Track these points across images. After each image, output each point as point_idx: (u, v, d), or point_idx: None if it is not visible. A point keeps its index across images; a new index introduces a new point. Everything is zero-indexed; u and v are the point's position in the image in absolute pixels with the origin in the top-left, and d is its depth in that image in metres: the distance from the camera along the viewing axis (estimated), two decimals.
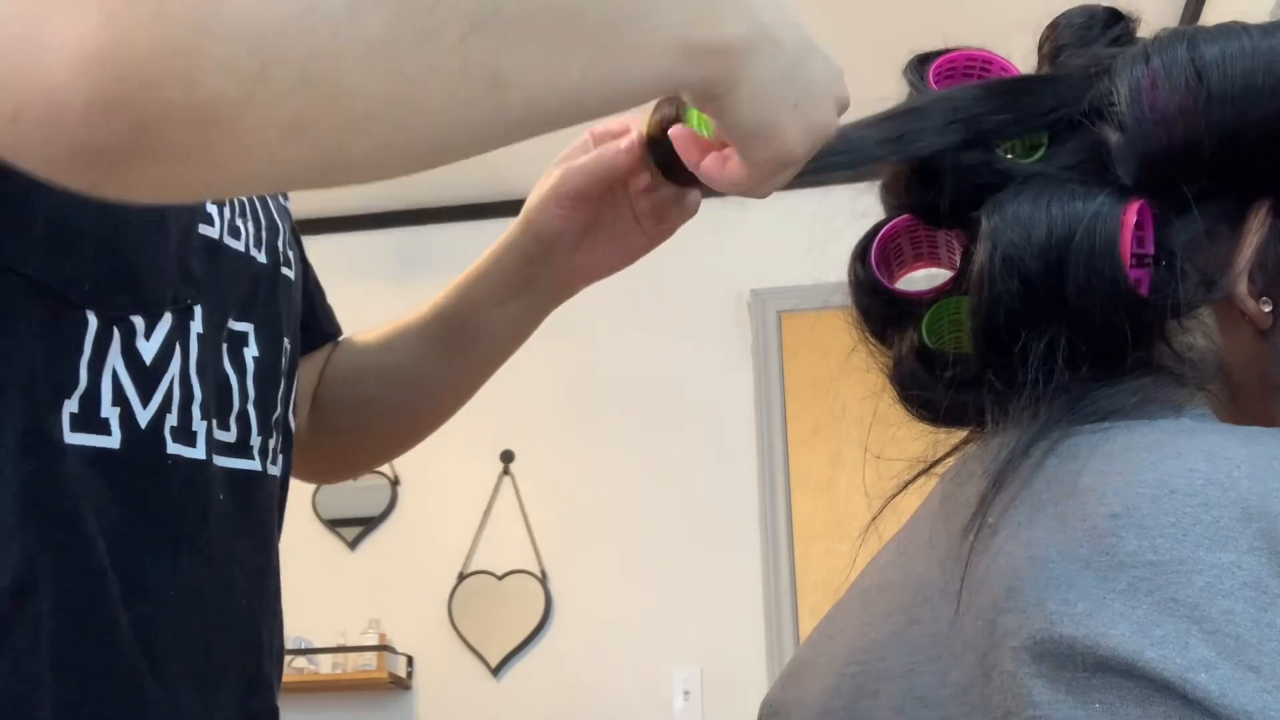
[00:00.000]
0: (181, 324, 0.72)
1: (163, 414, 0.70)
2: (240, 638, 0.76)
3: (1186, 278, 0.64)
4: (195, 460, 0.73)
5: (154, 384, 0.70)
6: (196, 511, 0.73)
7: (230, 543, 0.75)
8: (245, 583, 0.77)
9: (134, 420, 0.69)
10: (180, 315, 0.72)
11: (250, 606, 0.78)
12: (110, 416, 0.68)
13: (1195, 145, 0.64)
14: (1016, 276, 0.63)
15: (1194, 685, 0.49)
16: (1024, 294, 0.63)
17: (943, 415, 0.69)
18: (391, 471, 3.53)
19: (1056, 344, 0.63)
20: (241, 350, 0.78)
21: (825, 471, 3.31)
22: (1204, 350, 0.66)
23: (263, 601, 0.80)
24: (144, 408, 0.70)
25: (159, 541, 0.70)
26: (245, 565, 0.77)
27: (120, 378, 0.68)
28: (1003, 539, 0.58)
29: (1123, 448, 0.58)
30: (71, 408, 0.66)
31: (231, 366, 0.77)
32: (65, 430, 0.65)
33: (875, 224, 0.73)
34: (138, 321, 0.69)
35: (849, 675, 0.68)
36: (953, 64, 0.73)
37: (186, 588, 0.71)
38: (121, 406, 0.68)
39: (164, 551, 0.70)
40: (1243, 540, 0.51)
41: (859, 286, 0.72)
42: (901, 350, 0.70)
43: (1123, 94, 0.65)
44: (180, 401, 0.71)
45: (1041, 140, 0.68)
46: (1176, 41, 0.66)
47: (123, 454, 0.68)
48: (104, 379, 0.67)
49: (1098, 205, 0.63)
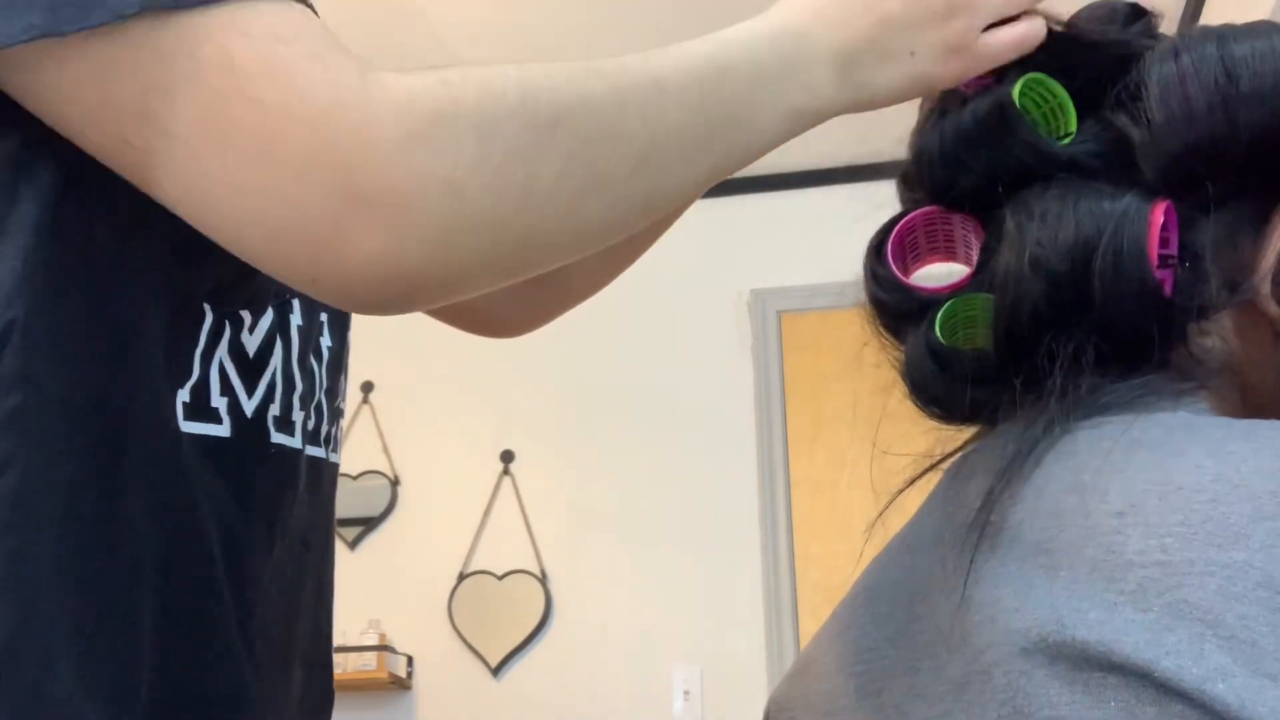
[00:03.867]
0: (282, 317, 0.74)
1: (266, 404, 0.73)
2: (310, 622, 0.79)
3: (1210, 280, 0.63)
4: (293, 449, 0.76)
5: (258, 375, 0.72)
6: (288, 499, 0.75)
7: (306, 529, 0.78)
8: (314, 568, 0.79)
9: (240, 410, 0.71)
10: (281, 309, 0.74)
11: (318, 592, 0.80)
12: (219, 406, 0.70)
13: (1223, 144, 0.63)
14: (1043, 277, 0.63)
15: (1211, 696, 0.48)
16: (1050, 294, 0.63)
17: (954, 413, 0.69)
18: (391, 471, 3.53)
19: (1083, 346, 0.62)
20: (319, 340, 0.81)
21: (825, 471, 3.31)
22: (1218, 352, 0.65)
23: (325, 587, 0.82)
24: (249, 398, 0.72)
25: (259, 527, 0.72)
26: (315, 551, 0.79)
27: (226, 368, 0.70)
28: (1005, 536, 0.58)
29: (1121, 444, 0.57)
30: (184, 397, 0.68)
31: (314, 356, 0.80)
32: (180, 419, 0.67)
33: (892, 217, 0.73)
34: (245, 315, 0.72)
35: (855, 673, 0.67)
36: None
37: (276, 573, 0.74)
38: (229, 397, 0.70)
39: (263, 537, 0.72)
40: (1255, 538, 0.50)
41: (874, 280, 0.72)
42: (914, 346, 0.69)
43: (1152, 90, 0.65)
44: (282, 391, 0.74)
45: (1070, 128, 0.68)
46: (1206, 39, 0.65)
47: (232, 441, 0.70)
48: (212, 370, 0.69)
49: (1125, 205, 0.63)
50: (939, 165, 0.69)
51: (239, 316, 0.71)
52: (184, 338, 0.68)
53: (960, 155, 0.68)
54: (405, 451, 3.52)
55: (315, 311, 0.79)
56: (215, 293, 0.69)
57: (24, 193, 0.61)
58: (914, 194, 0.72)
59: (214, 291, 0.69)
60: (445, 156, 0.53)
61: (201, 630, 0.67)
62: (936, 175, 0.70)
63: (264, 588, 0.72)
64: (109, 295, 0.64)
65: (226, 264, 0.67)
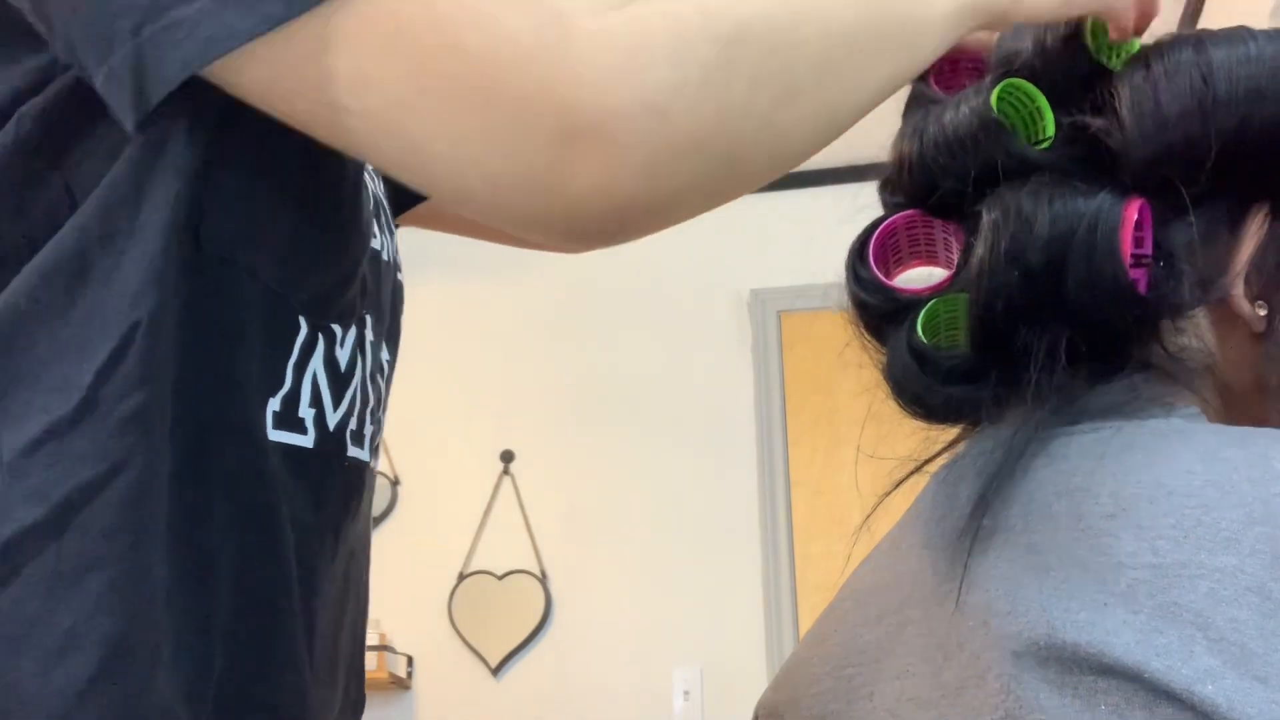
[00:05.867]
0: (359, 332, 0.76)
1: (347, 417, 0.75)
2: (351, 630, 0.80)
3: (1184, 278, 0.64)
4: (363, 461, 0.77)
5: (344, 388, 0.74)
6: (352, 509, 0.77)
7: (359, 536, 0.80)
8: (358, 577, 0.81)
9: (325, 422, 0.73)
10: (359, 324, 0.76)
11: (359, 600, 0.82)
12: (306, 417, 0.71)
13: (1197, 148, 0.64)
14: (1017, 268, 0.63)
15: (1200, 697, 0.48)
16: (1024, 287, 0.63)
17: (936, 412, 0.69)
18: (391, 471, 3.53)
19: (1058, 341, 0.63)
20: (380, 355, 0.82)
21: (825, 471, 3.31)
22: (1196, 352, 0.66)
23: (365, 596, 0.84)
24: (334, 410, 0.73)
25: (328, 538, 0.74)
26: (359, 560, 0.81)
27: (319, 381, 0.72)
28: (998, 540, 0.58)
29: (1114, 448, 0.57)
30: (275, 406, 0.69)
31: (377, 370, 0.82)
32: (269, 427, 0.68)
33: (873, 220, 0.73)
34: (336, 329, 0.73)
35: (844, 677, 0.67)
36: (955, 65, 0.75)
37: (336, 579, 0.75)
38: (316, 408, 0.72)
39: (330, 545, 0.74)
40: (1245, 543, 0.50)
41: (856, 282, 0.72)
42: (896, 346, 0.70)
43: (1122, 96, 0.65)
44: (360, 405, 0.76)
45: (1047, 133, 0.68)
46: (1182, 45, 0.66)
47: (314, 452, 0.71)
48: (305, 381, 0.71)
49: (1099, 202, 0.63)
50: (920, 170, 0.70)
51: (331, 330, 0.72)
52: (279, 347, 0.69)
53: (941, 160, 0.69)
54: (405, 451, 3.52)
55: (382, 325, 0.81)
56: (311, 305, 0.71)
57: (154, 196, 0.62)
58: (895, 199, 0.73)
59: (309, 304, 0.70)
60: (647, 85, 0.55)
61: (270, 631, 0.68)
62: (917, 180, 0.70)
63: (325, 597, 0.73)
64: (220, 302, 0.65)
65: (326, 275, 0.70)
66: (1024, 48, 0.71)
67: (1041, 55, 0.70)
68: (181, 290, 0.63)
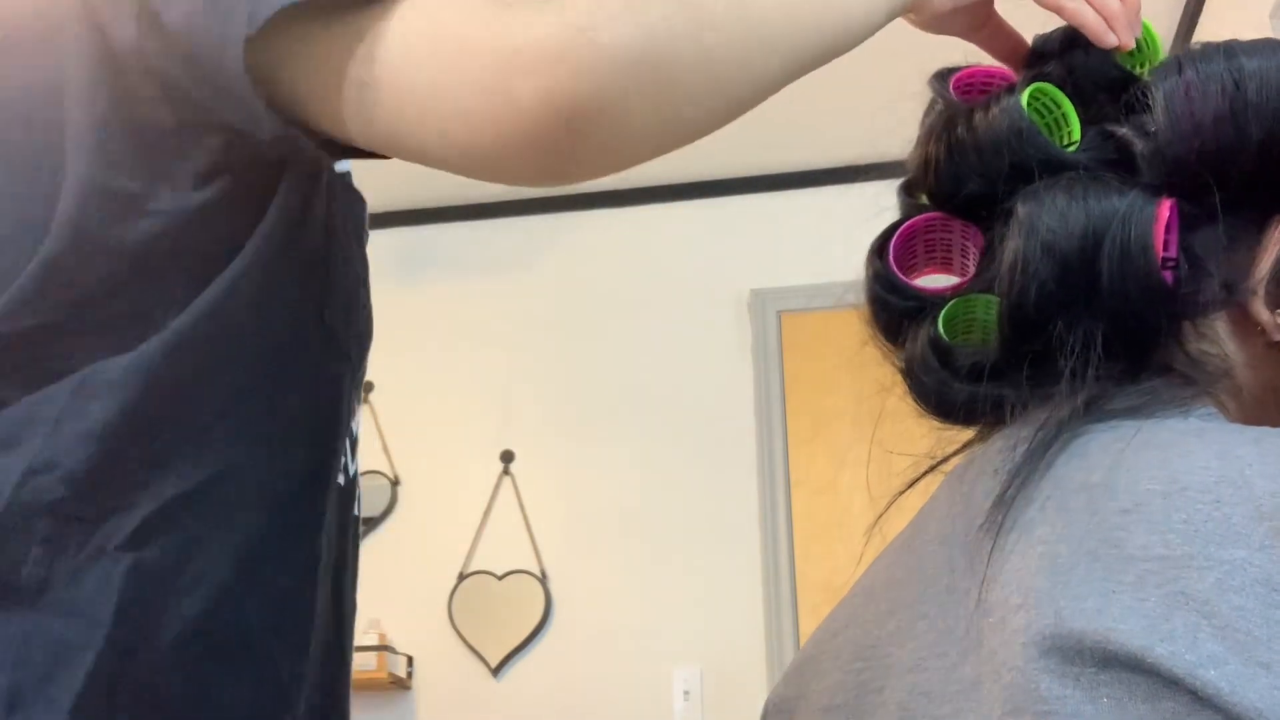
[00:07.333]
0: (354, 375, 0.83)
1: (353, 447, 0.82)
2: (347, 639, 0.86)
3: (1210, 279, 0.65)
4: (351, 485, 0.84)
5: (353, 423, 0.82)
6: (350, 528, 0.83)
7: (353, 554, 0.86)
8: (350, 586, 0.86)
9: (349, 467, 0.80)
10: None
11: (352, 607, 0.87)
12: (346, 455, 0.80)
13: (1226, 154, 0.65)
14: (1053, 261, 0.64)
15: (1203, 681, 0.48)
16: (1059, 279, 0.64)
17: (955, 410, 0.70)
18: (391, 471, 3.53)
19: (1092, 334, 0.64)
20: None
21: (825, 471, 3.31)
22: (1214, 357, 0.67)
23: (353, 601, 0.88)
24: (353, 459, 0.81)
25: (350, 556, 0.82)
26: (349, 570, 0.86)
27: (354, 419, 0.81)
28: (1015, 537, 0.59)
29: (1132, 446, 0.58)
30: (334, 445, 0.77)
31: None
32: (334, 471, 0.77)
33: (893, 222, 0.74)
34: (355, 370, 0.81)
35: (854, 671, 0.68)
36: (971, 78, 0.76)
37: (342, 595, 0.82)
38: (350, 444, 0.80)
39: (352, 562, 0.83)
40: (1254, 538, 0.51)
41: (876, 281, 0.73)
42: (916, 346, 0.70)
43: (1157, 101, 0.66)
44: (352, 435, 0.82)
45: (1074, 138, 0.69)
46: (1214, 53, 0.68)
47: (344, 487, 0.79)
48: (351, 421, 0.80)
49: (1131, 200, 0.65)
50: (947, 173, 0.70)
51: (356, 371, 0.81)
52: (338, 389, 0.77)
53: (970, 161, 0.69)
54: (405, 451, 3.52)
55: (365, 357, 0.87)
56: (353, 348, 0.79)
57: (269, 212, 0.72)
58: (917, 201, 0.74)
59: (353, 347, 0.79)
60: (567, 7, 0.61)
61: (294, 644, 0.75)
62: (944, 182, 0.71)
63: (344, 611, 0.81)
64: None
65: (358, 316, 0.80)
66: (1051, 53, 0.72)
67: (1068, 61, 0.71)
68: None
